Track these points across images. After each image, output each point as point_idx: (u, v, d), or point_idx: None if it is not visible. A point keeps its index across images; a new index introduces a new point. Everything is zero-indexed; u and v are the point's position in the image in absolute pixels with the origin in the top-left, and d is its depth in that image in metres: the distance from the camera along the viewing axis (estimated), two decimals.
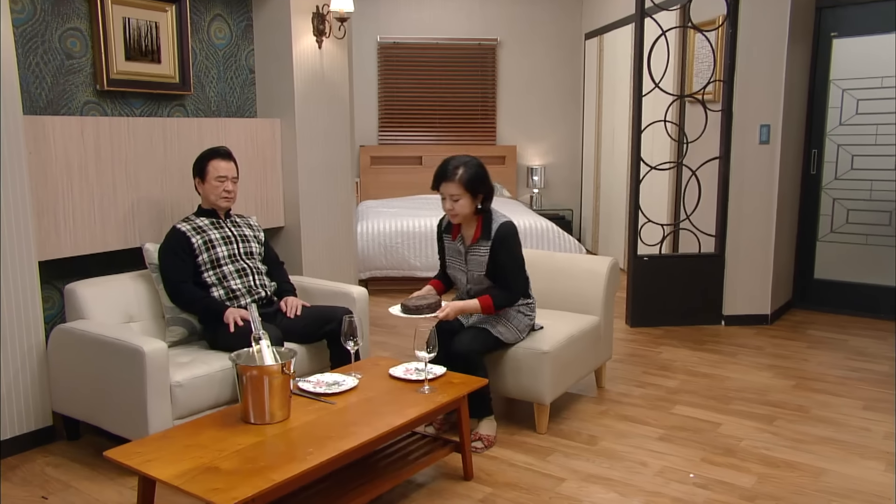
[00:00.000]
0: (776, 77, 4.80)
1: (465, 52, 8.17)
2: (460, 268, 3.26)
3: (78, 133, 3.31)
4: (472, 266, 3.20)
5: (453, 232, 3.26)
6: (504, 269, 3.14)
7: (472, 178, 3.07)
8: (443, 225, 3.34)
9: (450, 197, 3.09)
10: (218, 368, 3.04)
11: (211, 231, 3.37)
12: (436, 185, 3.14)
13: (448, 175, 3.08)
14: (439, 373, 2.86)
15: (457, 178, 3.06)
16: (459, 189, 3.06)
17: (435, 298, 3.09)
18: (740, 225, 4.97)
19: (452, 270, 3.31)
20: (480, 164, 3.13)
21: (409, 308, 3.01)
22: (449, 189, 3.08)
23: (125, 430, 2.90)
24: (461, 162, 3.10)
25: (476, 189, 3.09)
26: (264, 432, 2.35)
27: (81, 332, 3.00)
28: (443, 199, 3.14)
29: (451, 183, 3.07)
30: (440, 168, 3.12)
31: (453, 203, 3.09)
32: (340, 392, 2.68)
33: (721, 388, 3.86)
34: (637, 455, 3.09)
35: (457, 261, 3.27)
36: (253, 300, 3.34)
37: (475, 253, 3.18)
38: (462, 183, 3.06)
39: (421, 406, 2.58)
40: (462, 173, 3.06)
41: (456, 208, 3.10)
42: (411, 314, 3.00)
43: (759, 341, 4.71)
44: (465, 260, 3.22)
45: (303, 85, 4.19)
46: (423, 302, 3.03)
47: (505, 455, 3.10)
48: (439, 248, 3.38)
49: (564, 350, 3.34)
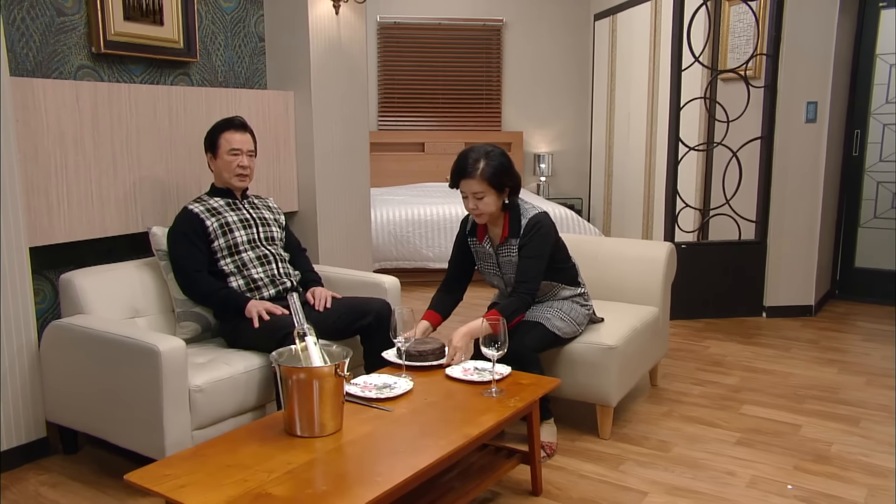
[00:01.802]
0: (825, 49, 4.46)
1: (469, 32, 7.77)
2: (494, 272, 2.87)
3: (72, 99, 2.87)
4: (507, 269, 2.81)
5: (479, 233, 2.86)
6: (520, 267, 2.73)
7: (497, 172, 2.65)
8: (468, 226, 2.92)
9: (473, 195, 2.67)
10: (241, 370, 2.63)
11: (227, 213, 2.95)
12: (455, 182, 2.72)
13: (468, 171, 2.65)
14: (505, 372, 2.46)
15: (478, 174, 2.64)
16: (482, 185, 2.65)
17: (437, 343, 2.60)
18: (783, 210, 4.64)
19: (488, 277, 2.92)
20: (503, 152, 2.71)
21: (412, 355, 2.53)
22: (471, 186, 2.66)
23: (135, 442, 2.48)
24: (481, 154, 2.67)
25: (501, 183, 2.68)
26: (316, 447, 1.94)
27: (82, 328, 2.57)
28: (465, 198, 2.72)
29: (473, 180, 2.65)
30: (458, 163, 2.69)
31: (477, 201, 2.68)
32: (394, 397, 2.28)
33: (787, 386, 3.52)
34: (719, 463, 2.73)
35: (489, 265, 2.88)
36: (277, 290, 2.93)
37: (507, 254, 2.79)
38: (485, 178, 2.64)
39: (496, 412, 2.18)
40: (484, 167, 2.64)
41: (480, 207, 2.68)
42: (414, 361, 2.53)
43: (808, 334, 4.38)
44: (498, 263, 2.83)
45: (319, 55, 3.77)
46: (426, 347, 2.55)
47: (571, 465, 2.72)
48: (456, 255, 2.93)
49: (629, 345, 2.97)
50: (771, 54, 4.51)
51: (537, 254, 2.72)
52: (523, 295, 2.69)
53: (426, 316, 2.79)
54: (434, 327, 2.78)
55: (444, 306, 2.86)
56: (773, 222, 4.68)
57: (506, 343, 2.31)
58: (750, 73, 4.75)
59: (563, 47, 7.93)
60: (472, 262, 2.92)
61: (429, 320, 2.77)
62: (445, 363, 2.51)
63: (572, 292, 2.92)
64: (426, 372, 2.50)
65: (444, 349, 2.57)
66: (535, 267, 2.72)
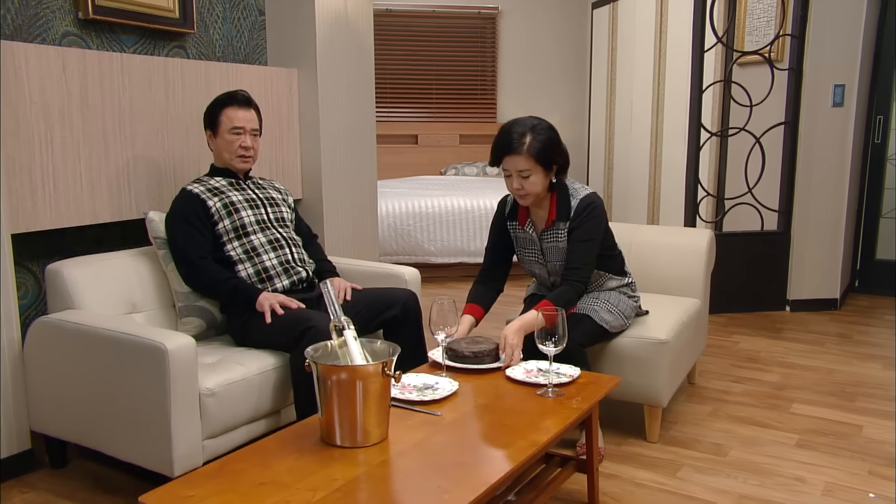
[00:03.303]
0: (854, 29, 4.25)
1: (464, 21, 7.50)
2: (537, 260, 2.59)
3: (58, 68, 2.55)
4: (552, 256, 2.54)
5: (520, 217, 2.58)
6: (570, 252, 2.46)
7: (545, 147, 2.37)
8: (506, 209, 2.64)
9: (517, 173, 2.39)
10: (255, 371, 2.33)
11: (230, 192, 2.65)
12: (497, 159, 2.42)
13: (513, 146, 2.36)
14: (574, 374, 2.17)
15: (525, 149, 2.35)
16: (529, 162, 2.36)
17: (492, 342, 2.29)
18: (808, 199, 4.43)
19: (528, 265, 2.64)
20: (551, 126, 2.43)
21: (466, 356, 2.21)
22: (516, 164, 2.38)
23: (136, 454, 2.17)
24: (527, 127, 2.38)
25: (550, 159, 2.40)
26: (361, 460, 1.65)
27: (74, 325, 2.24)
28: (507, 177, 2.43)
29: (519, 156, 2.36)
30: (501, 138, 2.40)
31: (522, 181, 2.39)
32: (440, 399, 1.99)
33: (833, 383, 3.29)
34: (784, 468, 2.48)
35: (531, 252, 2.60)
36: (291, 281, 2.63)
37: (552, 239, 2.51)
38: (532, 154, 2.35)
39: (559, 415, 1.91)
40: (531, 142, 2.36)
41: (526, 187, 2.40)
42: (467, 363, 2.21)
43: (837, 328, 4.17)
44: (541, 250, 2.56)
45: (325, 30, 3.47)
46: (481, 347, 2.24)
47: (623, 472, 2.46)
48: (493, 241, 2.65)
49: (678, 339, 2.72)
50: (797, 35, 4.29)
51: (590, 237, 2.45)
52: (575, 283, 2.42)
53: (468, 310, 2.50)
54: (477, 322, 2.49)
55: (485, 298, 2.57)
56: (797, 212, 4.46)
57: (565, 337, 2.04)
58: (771, 56, 4.53)
59: (559, 36, 7.69)
60: (512, 248, 2.65)
61: (472, 314, 2.48)
62: (504, 364, 2.23)
63: (619, 282, 2.66)
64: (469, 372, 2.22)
65: (497, 349, 2.28)
66: (587, 252, 2.45)
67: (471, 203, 5.54)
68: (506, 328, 2.30)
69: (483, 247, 5.66)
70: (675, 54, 5.97)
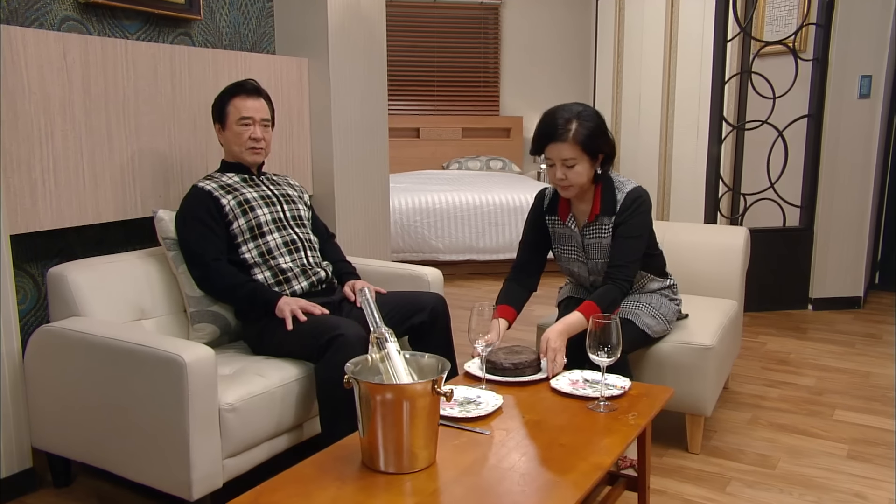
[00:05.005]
0: (883, 17, 4.10)
1: (466, 12, 7.32)
2: (577, 257, 2.43)
3: (59, 55, 2.35)
4: (593, 253, 2.38)
5: (561, 210, 2.42)
6: (616, 249, 2.31)
7: (592, 134, 2.21)
8: (545, 202, 2.47)
9: (562, 162, 2.23)
10: (277, 382, 2.15)
11: (244, 189, 2.47)
12: (539, 147, 2.26)
13: (558, 133, 2.20)
14: (625, 385, 2.01)
15: (570, 137, 2.20)
16: (575, 150, 2.20)
17: (532, 353, 2.12)
18: (833, 194, 4.29)
19: (566, 263, 2.47)
20: (598, 113, 2.27)
21: (506, 368, 2.05)
22: (560, 152, 2.21)
23: (150, 475, 1.99)
24: (573, 113, 2.22)
25: (596, 148, 2.24)
26: (409, 488, 1.49)
27: (80, 334, 2.06)
28: (549, 167, 2.28)
29: (563, 144, 2.20)
30: (545, 124, 2.23)
31: (566, 170, 2.23)
32: (485, 416, 1.83)
33: (872, 387, 3.15)
34: (839, 482, 2.33)
35: (570, 249, 2.44)
36: (310, 282, 2.45)
37: (595, 235, 2.35)
38: (578, 142, 2.20)
39: (618, 433, 1.75)
40: (577, 129, 2.20)
41: (570, 177, 2.24)
42: (507, 376, 2.05)
43: (865, 328, 4.03)
44: (583, 246, 2.40)
45: (337, 17, 3.29)
46: (522, 358, 2.07)
47: (670, 486, 2.30)
48: (528, 237, 2.49)
49: (722, 344, 2.57)
50: (822, 24, 4.15)
51: (637, 234, 2.30)
52: (620, 282, 2.27)
53: (499, 312, 2.31)
54: (510, 325, 2.33)
55: (518, 299, 2.40)
56: (820, 207, 4.32)
57: (619, 346, 1.88)
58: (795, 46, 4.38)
59: (563, 28, 7.52)
60: (548, 245, 2.48)
61: (505, 317, 2.30)
62: (549, 375, 2.06)
63: (661, 284, 2.50)
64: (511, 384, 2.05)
65: (541, 359, 2.12)
66: (634, 250, 2.30)
67: (478, 198, 5.37)
68: (548, 331, 2.14)
69: (492, 244, 5.54)
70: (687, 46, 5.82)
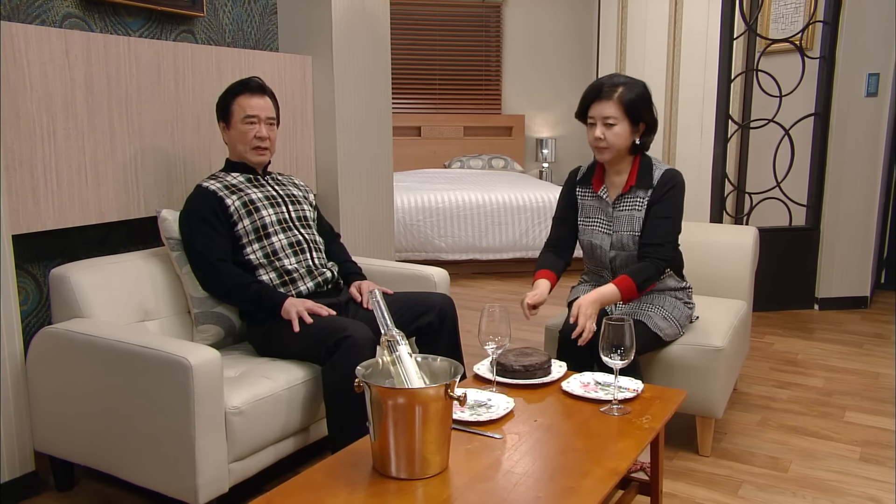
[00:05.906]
0: (890, 15, 4.07)
1: (468, 10, 7.28)
2: (602, 229, 2.41)
3: (61, 52, 2.32)
4: (620, 225, 2.37)
5: (595, 181, 2.43)
6: (651, 227, 2.32)
7: (637, 99, 2.29)
8: (578, 174, 2.52)
9: (602, 120, 2.29)
10: (284, 385, 2.12)
11: (249, 189, 2.44)
12: (584, 106, 2.35)
13: (604, 92, 2.30)
14: (638, 388, 1.98)
15: (615, 97, 2.28)
16: (618, 110, 2.27)
17: (543, 355, 2.07)
18: (839, 193, 4.26)
19: (588, 235, 2.45)
20: (646, 85, 2.34)
21: (516, 370, 2.01)
22: (603, 109, 2.28)
23: (154, 479, 1.96)
24: (621, 80, 2.32)
25: (639, 114, 2.30)
26: (421, 494, 1.45)
27: (84, 336, 2.03)
28: (590, 126, 2.33)
29: (608, 102, 2.28)
30: (593, 86, 2.33)
31: (605, 129, 2.28)
32: (496, 419, 1.80)
33: (882, 389, 3.12)
34: (853, 486, 2.30)
35: (598, 220, 2.43)
36: (315, 283, 2.42)
37: (626, 206, 2.36)
38: (623, 102, 2.27)
39: (633, 437, 1.72)
40: (623, 91, 2.28)
41: (608, 137, 2.29)
42: (517, 378, 2.01)
43: (872, 328, 4.01)
44: (611, 217, 2.39)
45: (341, 14, 3.25)
46: (532, 360, 2.03)
47: (681, 490, 2.27)
48: (562, 211, 2.52)
49: (733, 346, 2.53)
50: (829, 21, 4.11)
51: (672, 214, 2.32)
52: (657, 261, 2.29)
53: (541, 275, 2.38)
54: (552, 288, 2.38)
55: (556, 266, 2.46)
56: (827, 207, 4.29)
57: (632, 349, 1.84)
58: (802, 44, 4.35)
59: (565, 26, 7.48)
60: None
61: (547, 279, 2.37)
62: (574, 335, 2.11)
63: (678, 284, 2.47)
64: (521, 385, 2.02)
65: (551, 362, 2.09)
66: (670, 230, 2.33)
67: (481, 197, 5.34)
68: (581, 298, 2.19)
69: (495, 244, 5.51)
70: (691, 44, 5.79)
